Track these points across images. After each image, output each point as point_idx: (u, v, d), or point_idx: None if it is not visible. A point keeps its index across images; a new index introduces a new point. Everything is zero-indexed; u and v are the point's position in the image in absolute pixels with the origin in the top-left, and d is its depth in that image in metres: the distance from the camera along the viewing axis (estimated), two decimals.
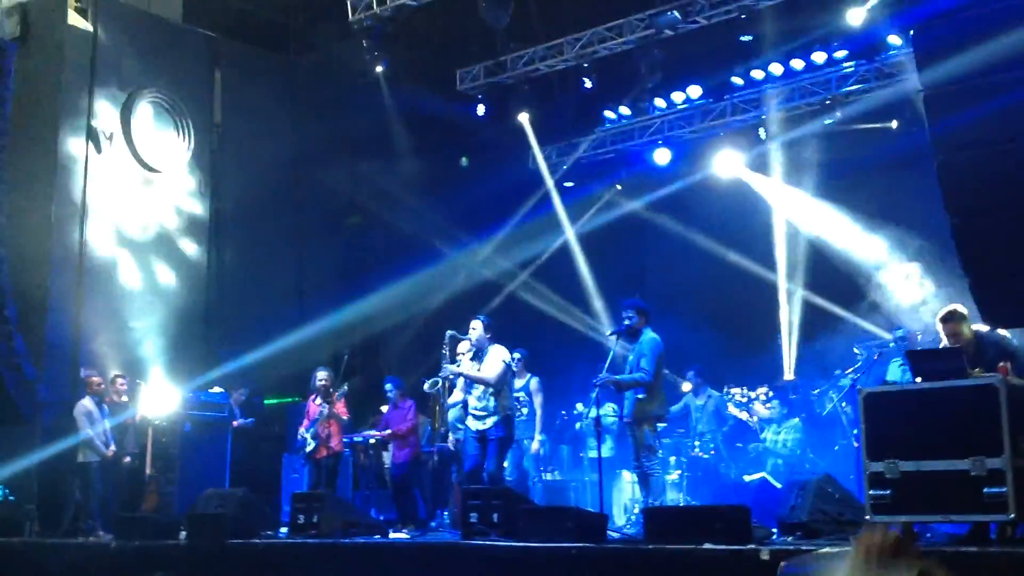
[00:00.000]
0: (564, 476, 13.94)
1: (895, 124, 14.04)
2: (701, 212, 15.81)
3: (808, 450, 12.51)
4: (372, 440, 13.44)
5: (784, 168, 15.10)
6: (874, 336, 12.81)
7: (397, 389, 12.77)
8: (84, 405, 12.52)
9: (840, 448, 12.13)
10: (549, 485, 13.55)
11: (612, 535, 8.84)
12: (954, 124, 9.72)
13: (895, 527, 6.85)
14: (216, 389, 14.29)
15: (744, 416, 13.10)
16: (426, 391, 11.75)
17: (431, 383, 11.40)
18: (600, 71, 15.37)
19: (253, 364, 14.67)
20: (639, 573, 7.36)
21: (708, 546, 7.00)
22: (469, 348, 10.78)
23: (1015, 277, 9.27)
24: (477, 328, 10.61)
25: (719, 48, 14.64)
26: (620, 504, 12.74)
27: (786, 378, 14.26)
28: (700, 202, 15.90)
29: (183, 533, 10.38)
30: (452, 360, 10.86)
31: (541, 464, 13.34)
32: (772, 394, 13.01)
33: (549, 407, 12.93)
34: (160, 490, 13.11)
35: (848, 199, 14.55)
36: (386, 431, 12.69)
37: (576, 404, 13.80)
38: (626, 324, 10.26)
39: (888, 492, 6.91)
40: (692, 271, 15.65)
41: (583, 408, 13.45)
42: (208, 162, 16.30)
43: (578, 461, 13.94)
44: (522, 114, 16.43)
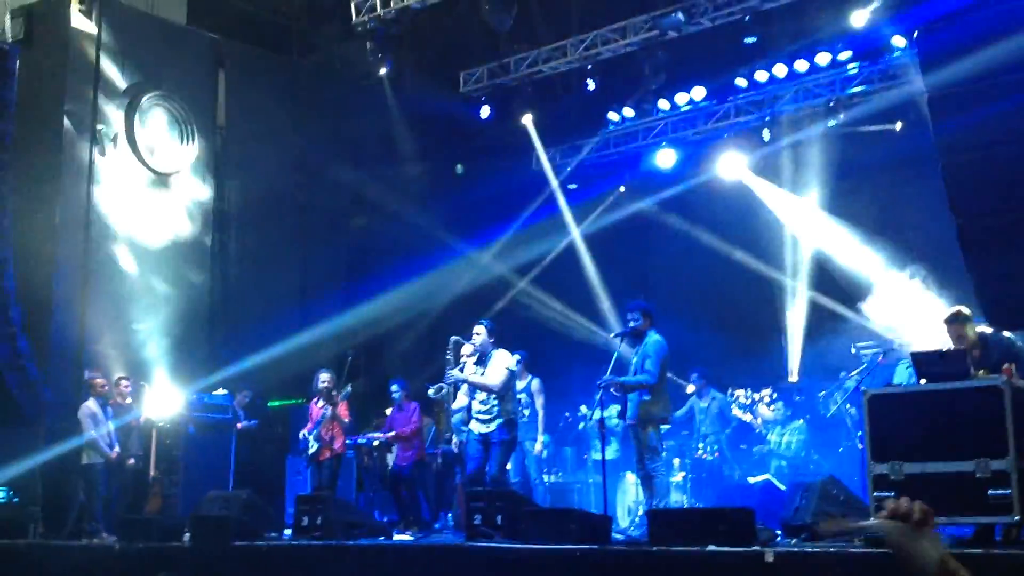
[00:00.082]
0: (568, 478, 13.94)
1: (899, 126, 14.04)
2: (705, 214, 15.80)
3: (812, 452, 12.50)
4: (376, 442, 13.45)
5: (788, 170, 15.09)
6: (879, 337, 12.78)
7: (402, 391, 12.78)
8: (88, 407, 12.51)
9: (844, 450, 12.12)
10: (553, 487, 13.55)
11: (616, 537, 8.84)
12: (958, 126, 9.72)
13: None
14: (220, 391, 14.29)
15: (748, 418, 13.10)
16: (431, 397, 11.72)
17: (436, 389, 11.36)
18: (604, 73, 15.34)
19: (257, 366, 14.66)
20: (643, 575, 7.36)
21: (712, 548, 6.98)
22: (473, 352, 10.75)
23: (1020, 278, 9.27)
24: (481, 333, 10.58)
25: (723, 50, 14.61)
26: (624, 506, 12.75)
27: (791, 380, 14.24)
28: (704, 204, 15.89)
29: (187, 535, 10.35)
30: (456, 365, 10.84)
31: (544, 466, 13.33)
32: (776, 396, 13.01)
33: (552, 409, 12.92)
34: (164, 492, 13.12)
35: (851, 201, 14.54)
36: (390, 433, 12.70)
37: (580, 406, 13.80)
38: (631, 326, 10.26)
39: (892, 494, 6.88)
40: (696, 273, 15.65)
41: (587, 410, 13.44)
42: (212, 164, 16.29)
43: (582, 463, 13.94)
44: (526, 116, 16.42)
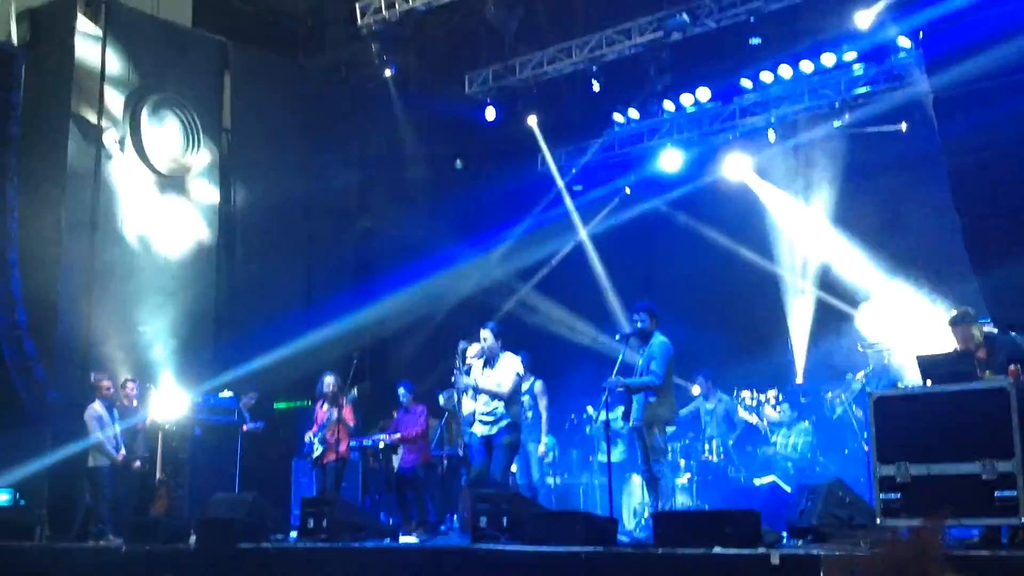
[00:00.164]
0: (573, 480, 13.93)
1: (904, 127, 14.02)
2: (710, 215, 15.78)
3: (818, 454, 12.49)
4: (381, 444, 13.45)
5: (792, 171, 15.08)
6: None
7: (410, 393, 12.78)
8: (94, 409, 12.52)
9: (850, 452, 12.10)
10: (558, 489, 13.54)
11: (622, 539, 8.82)
12: (964, 127, 9.71)
13: (906, 533, 6.88)
14: (226, 393, 14.29)
15: (754, 420, 13.09)
16: (443, 406, 11.66)
17: (446, 397, 11.28)
18: (609, 74, 15.32)
19: (263, 368, 14.66)
20: None
21: (718, 550, 6.98)
22: (479, 354, 10.68)
23: None
24: (488, 338, 10.50)
25: (728, 51, 14.60)
26: (630, 508, 12.74)
27: (797, 381, 14.22)
28: (709, 205, 15.88)
29: (193, 537, 10.37)
30: (467, 371, 10.76)
31: (550, 468, 13.32)
32: (782, 397, 13.00)
33: (558, 411, 12.90)
34: (170, 494, 13.12)
35: (854, 203, 14.52)
36: (396, 435, 12.70)
37: (587, 407, 13.78)
38: (638, 327, 10.23)
39: (898, 496, 6.90)
40: (702, 274, 15.64)
41: (593, 412, 13.42)
42: (218, 166, 16.30)
43: (587, 465, 13.92)
44: (531, 118, 16.42)
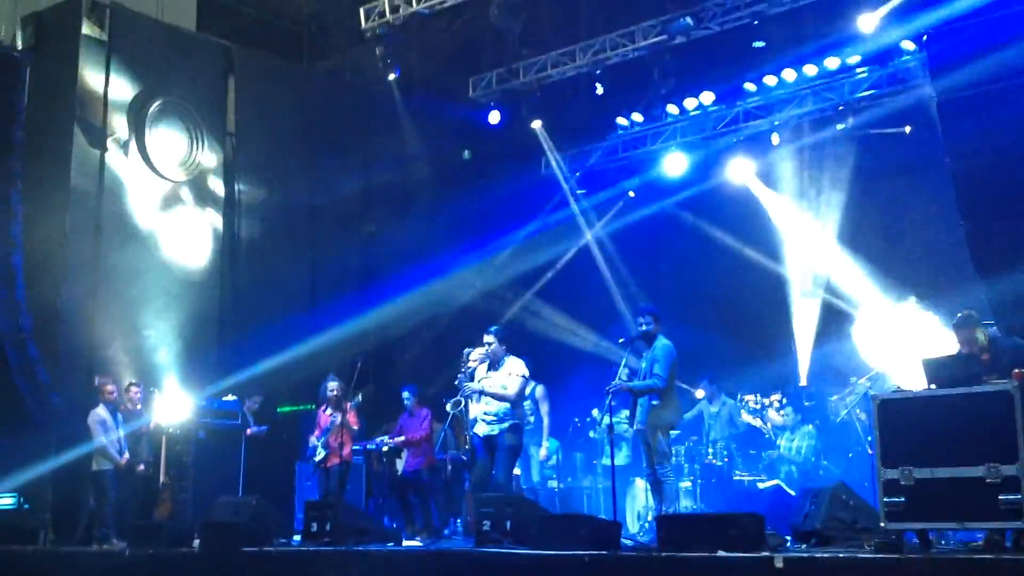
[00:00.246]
0: (577, 483, 13.92)
1: (908, 129, 14.01)
2: (714, 218, 15.78)
3: (822, 457, 12.47)
4: (385, 447, 13.43)
5: (796, 174, 15.07)
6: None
7: (413, 396, 12.77)
8: (98, 413, 12.51)
9: (854, 455, 12.08)
10: (562, 492, 13.53)
11: (625, 543, 8.81)
12: (968, 130, 9.71)
13: (911, 535, 6.87)
14: (229, 397, 14.30)
15: (758, 423, 13.08)
16: (449, 412, 11.63)
17: (453, 404, 11.23)
18: (613, 78, 15.30)
19: (267, 372, 14.66)
20: None
21: (722, 554, 6.97)
22: (484, 358, 10.66)
23: None
24: (492, 342, 10.50)
25: (732, 54, 14.60)
26: (633, 511, 12.73)
27: (801, 384, 14.21)
28: (713, 208, 15.88)
29: (197, 541, 10.38)
30: (471, 376, 10.76)
31: (553, 472, 13.31)
32: (786, 401, 12.98)
33: (562, 415, 12.88)
34: (174, 498, 13.13)
35: (857, 206, 14.51)
36: (400, 438, 12.69)
37: (593, 410, 13.77)
38: (643, 330, 10.22)
39: (902, 499, 6.88)
40: (705, 277, 15.64)
41: (598, 414, 13.41)
42: (222, 170, 16.31)
43: (591, 468, 13.92)
44: (535, 121, 16.42)
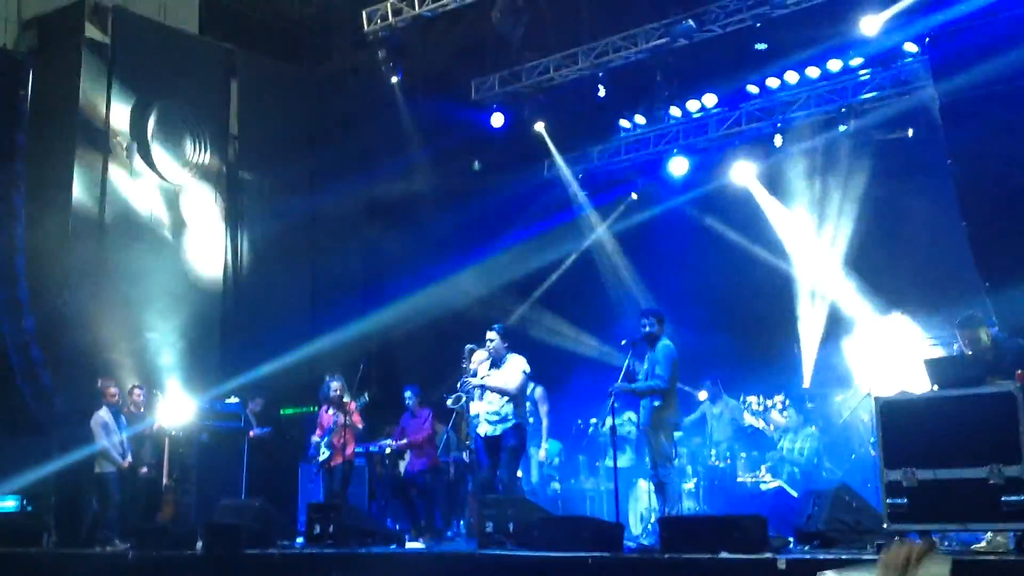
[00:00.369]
0: (580, 485, 13.92)
1: (911, 132, 14.00)
2: (717, 220, 15.76)
3: (825, 459, 12.46)
4: (388, 449, 13.44)
5: (798, 176, 15.07)
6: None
7: (415, 397, 12.77)
8: (100, 416, 12.51)
9: (857, 457, 12.08)
10: (565, 494, 13.52)
11: (628, 545, 8.82)
12: (970, 132, 9.72)
13: (914, 536, 6.86)
14: (232, 399, 14.32)
15: (760, 425, 13.07)
16: (450, 407, 11.65)
17: (454, 399, 11.26)
18: (615, 80, 15.29)
19: (269, 374, 14.69)
20: None
21: (724, 555, 6.98)
22: (486, 358, 10.72)
23: None
24: (494, 339, 10.56)
25: (734, 57, 14.58)
26: (636, 513, 12.72)
27: (804, 386, 14.19)
28: (716, 210, 15.86)
29: (200, 543, 10.39)
30: (472, 373, 10.80)
31: (556, 473, 13.30)
32: (788, 402, 12.98)
33: (565, 416, 12.88)
34: (177, 500, 13.14)
35: (860, 207, 14.50)
36: (402, 439, 12.69)
37: (594, 414, 13.77)
38: (646, 331, 10.22)
39: (905, 501, 6.88)
40: (708, 278, 15.60)
41: (596, 422, 13.42)
42: (224, 172, 16.35)
43: (594, 470, 13.91)
44: (538, 123, 16.41)
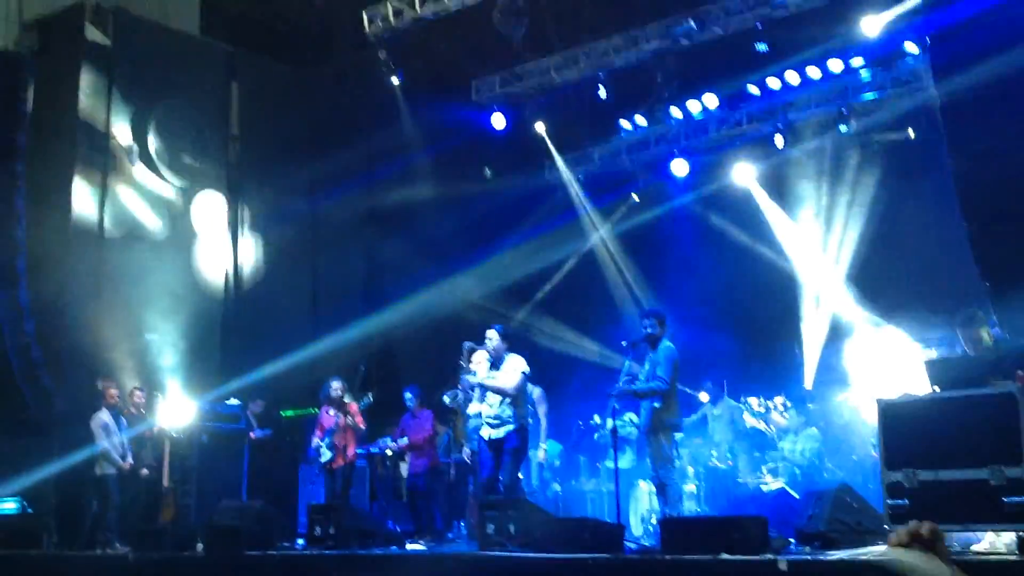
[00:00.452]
0: (581, 487, 13.90)
1: (912, 133, 14.00)
2: (718, 221, 15.77)
3: (826, 460, 12.45)
4: (389, 451, 13.43)
5: (800, 176, 15.08)
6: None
7: (416, 398, 12.77)
8: (100, 417, 12.51)
9: (858, 458, 12.07)
10: (566, 496, 13.51)
11: (629, 546, 8.80)
12: (971, 132, 9.70)
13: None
14: (233, 401, 14.32)
15: (761, 426, 13.05)
16: (447, 405, 11.65)
17: (451, 396, 11.28)
18: (616, 81, 15.29)
19: (270, 376, 14.68)
20: None
21: (725, 556, 6.96)
22: (486, 358, 10.72)
23: None
24: (493, 338, 10.55)
25: (735, 57, 14.58)
26: (637, 514, 12.70)
27: (806, 387, 14.19)
28: (717, 211, 15.87)
29: (200, 545, 10.38)
30: (470, 372, 10.79)
31: (557, 475, 13.29)
32: (789, 404, 12.97)
33: (564, 418, 12.87)
34: (177, 502, 13.15)
35: (861, 208, 14.50)
36: (402, 440, 12.69)
37: (595, 415, 13.74)
38: (647, 332, 10.20)
39: (906, 502, 6.87)
40: (709, 279, 15.61)
41: (599, 420, 13.40)
42: (225, 174, 16.35)
43: (595, 471, 13.90)
44: (539, 124, 16.40)
